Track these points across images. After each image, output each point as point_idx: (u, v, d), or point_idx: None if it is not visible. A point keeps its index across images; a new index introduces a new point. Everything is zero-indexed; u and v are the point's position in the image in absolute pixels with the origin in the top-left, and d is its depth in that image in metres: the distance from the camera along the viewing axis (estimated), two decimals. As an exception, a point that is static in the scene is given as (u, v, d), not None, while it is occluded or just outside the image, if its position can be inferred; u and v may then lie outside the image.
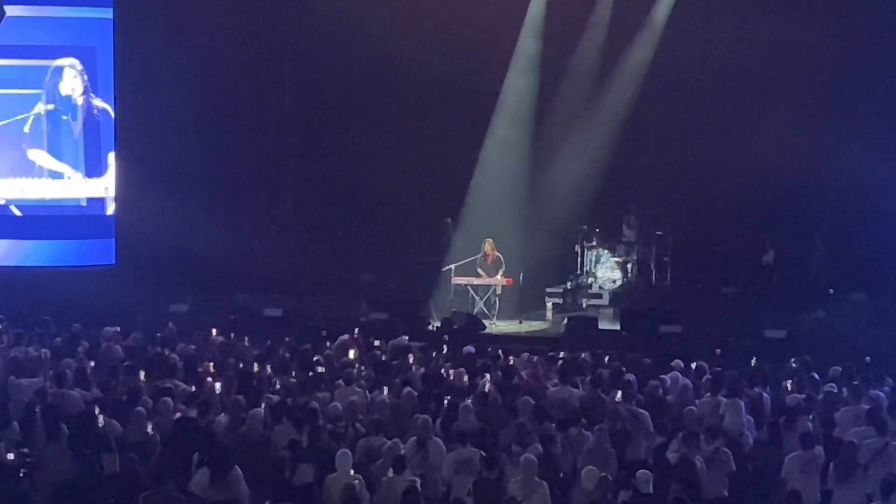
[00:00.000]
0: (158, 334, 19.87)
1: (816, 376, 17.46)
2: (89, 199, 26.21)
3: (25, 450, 13.46)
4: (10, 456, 13.12)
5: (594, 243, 26.28)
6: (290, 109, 27.30)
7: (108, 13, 25.67)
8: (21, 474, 12.79)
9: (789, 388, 17.08)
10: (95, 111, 26.05)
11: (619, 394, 15.76)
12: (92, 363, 17.64)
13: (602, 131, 26.15)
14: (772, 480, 13.68)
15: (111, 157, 26.14)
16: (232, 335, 20.10)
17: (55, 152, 25.98)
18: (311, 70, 26.76)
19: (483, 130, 26.32)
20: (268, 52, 26.54)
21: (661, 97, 25.27)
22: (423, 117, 25.71)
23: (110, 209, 26.27)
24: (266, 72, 26.72)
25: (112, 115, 25.92)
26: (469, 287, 24.81)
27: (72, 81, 25.85)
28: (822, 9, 23.84)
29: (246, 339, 19.93)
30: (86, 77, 25.92)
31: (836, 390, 16.53)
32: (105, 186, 26.19)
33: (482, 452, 13.32)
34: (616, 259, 26.24)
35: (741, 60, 24.96)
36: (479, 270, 24.77)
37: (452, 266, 24.78)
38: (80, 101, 26.01)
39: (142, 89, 25.83)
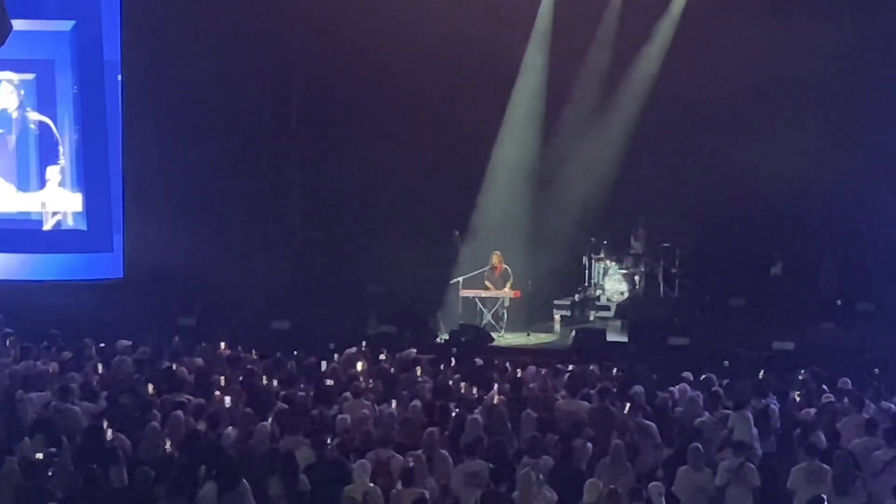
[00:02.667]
0: (166, 348, 19.90)
1: (825, 388, 17.43)
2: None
3: (53, 449, 13.49)
4: (39, 456, 13.16)
5: (602, 255, 26.27)
6: (296, 122, 27.33)
7: (65, 26, 25.74)
8: (49, 473, 12.85)
9: (797, 399, 17.07)
10: (32, 125, 26.24)
11: (627, 406, 15.75)
12: (99, 377, 17.66)
13: (609, 143, 26.14)
14: (782, 492, 13.62)
15: (51, 172, 26.31)
16: (239, 348, 20.10)
17: None
18: (317, 85, 26.80)
19: (491, 143, 26.33)
20: (274, 68, 26.56)
21: (669, 109, 25.25)
22: (429, 130, 25.70)
23: (48, 224, 26.50)
24: (272, 85, 26.73)
25: (53, 129, 26.06)
26: (477, 300, 24.82)
27: (7, 96, 25.99)
28: (832, 20, 23.78)
29: (253, 351, 19.93)
30: (23, 92, 26.17)
31: (834, 401, 16.53)
32: (42, 201, 26.36)
33: (490, 465, 13.31)
34: (624, 271, 26.22)
35: (749, 72, 24.93)
36: (487, 283, 24.78)
37: (460, 279, 24.80)
38: (15, 115, 26.17)
39: (148, 105, 25.92)
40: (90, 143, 26.60)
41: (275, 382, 17.43)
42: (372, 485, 12.85)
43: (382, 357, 19.63)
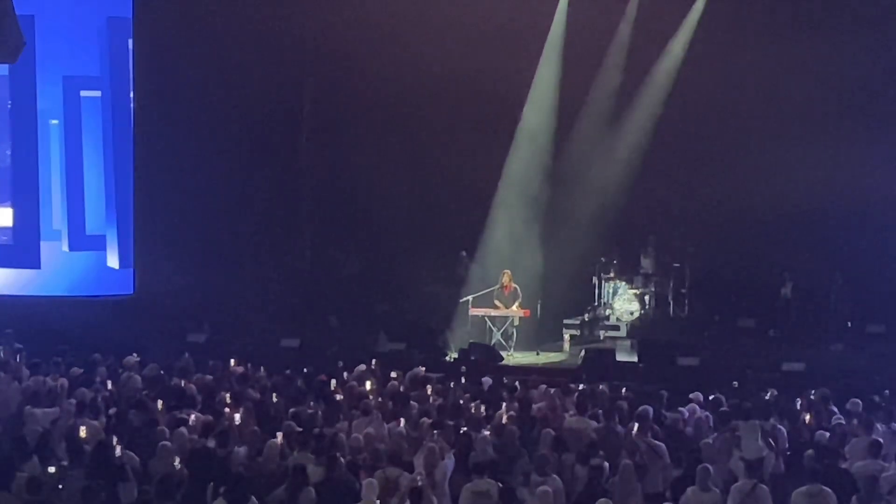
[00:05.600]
0: (176, 364, 19.90)
1: (835, 409, 17.39)
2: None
3: (65, 463, 13.49)
4: (51, 469, 13.16)
5: (612, 275, 26.24)
6: (306, 139, 27.38)
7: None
8: (59, 487, 12.85)
9: (807, 421, 17.03)
10: None
11: (636, 426, 15.72)
12: (103, 392, 17.66)
13: (620, 163, 26.13)
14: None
15: None
16: (249, 365, 20.11)
17: None
18: (327, 103, 26.86)
19: (500, 162, 26.33)
20: (285, 87, 26.61)
21: (679, 129, 25.26)
22: (439, 150, 25.69)
23: None
24: (283, 104, 26.79)
25: None
26: (486, 318, 24.80)
27: None
28: (840, 39, 23.78)
29: (263, 369, 19.94)
30: None
31: (844, 423, 16.49)
32: None
33: (499, 484, 13.29)
34: (633, 291, 26.18)
35: (759, 92, 24.96)
36: (497, 302, 24.76)
37: (470, 297, 24.79)
38: None
39: (159, 120, 26.01)
40: (20, 158, 26.99)
41: (284, 400, 17.43)
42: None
43: (394, 375, 19.63)
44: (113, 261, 27.25)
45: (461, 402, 17.66)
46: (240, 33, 25.68)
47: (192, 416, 15.96)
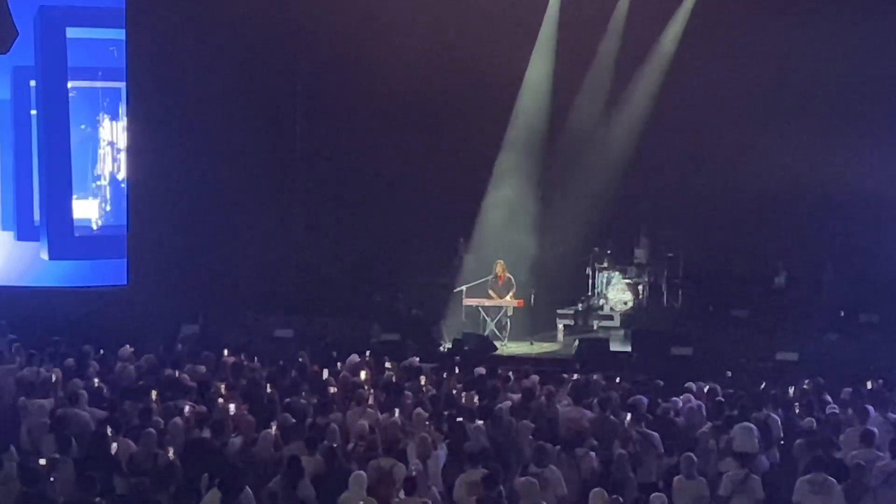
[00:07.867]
0: (169, 356, 19.88)
1: (829, 399, 17.41)
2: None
3: (57, 455, 13.49)
4: (42, 461, 13.15)
5: (605, 265, 26.24)
6: (302, 129, 27.37)
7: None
8: (51, 479, 12.85)
9: (800, 410, 17.05)
10: None
11: (629, 416, 15.73)
12: (97, 383, 17.63)
13: (613, 153, 26.16)
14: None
15: None
16: (243, 356, 20.10)
17: None
18: (321, 95, 26.83)
19: (495, 152, 26.34)
20: (279, 80, 26.58)
21: (673, 119, 25.25)
22: (433, 140, 25.73)
23: None
24: (277, 93, 26.77)
25: None
26: (480, 308, 24.82)
27: None
28: (835, 31, 23.79)
29: (256, 359, 19.93)
30: None
31: (838, 412, 16.50)
32: None
33: (486, 471, 13.29)
34: (627, 281, 26.18)
35: (752, 82, 24.97)
36: (491, 292, 24.78)
37: (464, 287, 24.80)
38: None
39: (152, 111, 25.98)
40: None
41: (278, 390, 17.42)
42: (367, 496, 12.82)
43: (388, 366, 19.64)
44: (44, 252, 27.15)
45: (455, 392, 17.69)
46: (234, 20, 25.62)
47: (187, 407, 15.96)
